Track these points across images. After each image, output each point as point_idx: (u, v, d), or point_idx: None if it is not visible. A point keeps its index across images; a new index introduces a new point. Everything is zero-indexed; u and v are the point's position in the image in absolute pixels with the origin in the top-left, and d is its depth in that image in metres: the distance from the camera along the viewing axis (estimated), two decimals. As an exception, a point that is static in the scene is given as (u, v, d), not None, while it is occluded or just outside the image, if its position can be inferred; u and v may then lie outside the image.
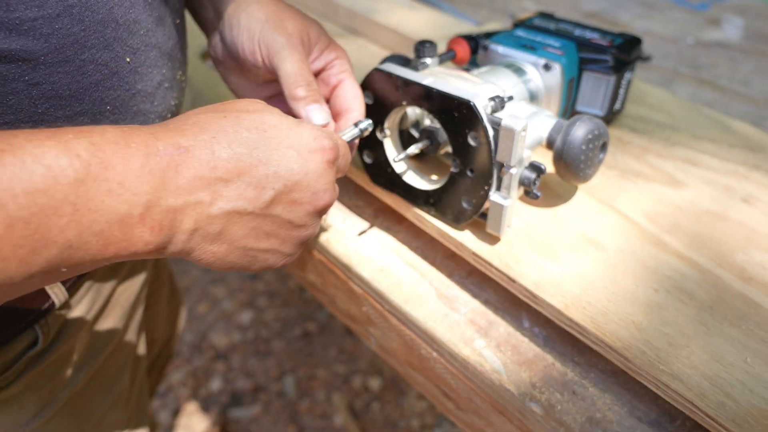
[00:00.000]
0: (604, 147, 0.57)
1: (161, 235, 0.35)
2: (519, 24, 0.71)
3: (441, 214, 0.58)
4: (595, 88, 0.66)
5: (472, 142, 0.51)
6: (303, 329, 1.83)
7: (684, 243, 0.57)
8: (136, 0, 0.45)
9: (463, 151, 0.52)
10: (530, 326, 0.56)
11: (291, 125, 0.41)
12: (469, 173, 0.53)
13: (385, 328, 0.62)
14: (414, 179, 0.60)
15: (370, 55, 0.98)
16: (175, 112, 0.56)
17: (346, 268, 0.63)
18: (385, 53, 0.99)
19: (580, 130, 0.54)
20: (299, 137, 0.41)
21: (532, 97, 0.63)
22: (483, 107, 0.50)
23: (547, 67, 0.63)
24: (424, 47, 0.61)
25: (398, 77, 0.54)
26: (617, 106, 0.68)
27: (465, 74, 0.58)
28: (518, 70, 0.63)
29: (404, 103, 0.55)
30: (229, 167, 0.37)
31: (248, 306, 1.91)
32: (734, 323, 0.49)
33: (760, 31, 1.09)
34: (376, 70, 0.55)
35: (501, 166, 0.51)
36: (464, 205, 0.55)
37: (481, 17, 1.11)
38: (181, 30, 0.55)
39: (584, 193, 0.63)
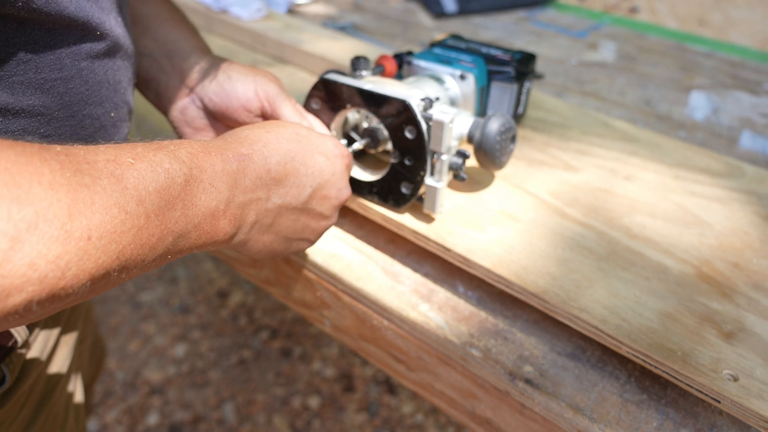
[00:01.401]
0: (513, 138, 0.69)
1: (235, 226, 0.41)
2: (435, 44, 0.83)
3: (383, 201, 0.67)
4: (502, 95, 0.79)
5: (408, 135, 0.61)
6: (239, 356, 1.85)
7: (582, 213, 0.69)
8: (121, 64, 0.51)
9: (401, 144, 0.62)
10: (464, 290, 0.66)
11: (318, 135, 0.50)
12: (407, 162, 0.63)
13: (339, 308, 0.70)
14: (358, 173, 0.69)
15: (300, 79, 1.08)
16: None
17: (301, 257, 0.70)
18: (314, 78, 1.08)
19: (494, 123, 0.65)
20: (325, 145, 0.50)
21: (452, 103, 0.75)
22: (417, 105, 0.60)
23: (462, 77, 0.75)
24: (359, 61, 0.71)
25: (344, 84, 0.64)
26: (520, 110, 0.81)
27: (397, 81, 0.69)
28: (439, 80, 0.75)
29: (348, 106, 0.64)
30: (279, 170, 0.45)
31: (181, 339, 1.90)
32: (625, 268, 0.61)
33: (629, 53, 1.29)
34: (324, 79, 0.65)
35: (434, 154, 0.62)
36: (404, 190, 0.65)
37: (397, 47, 1.24)
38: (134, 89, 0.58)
39: (500, 179, 0.74)
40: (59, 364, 0.65)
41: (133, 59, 0.56)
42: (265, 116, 0.61)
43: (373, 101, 0.62)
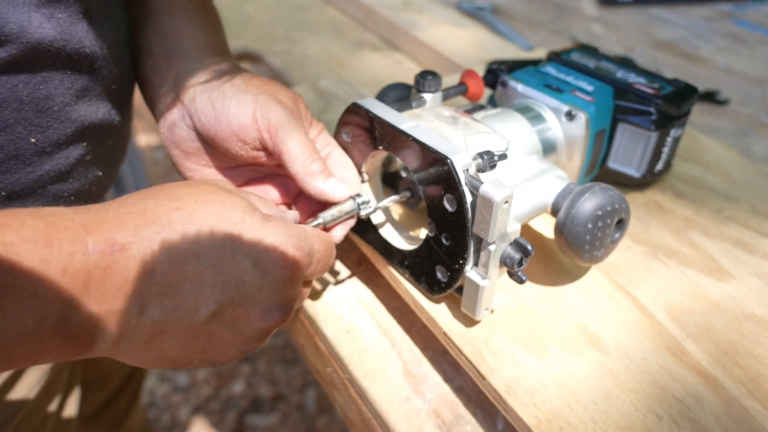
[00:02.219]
0: (620, 225, 0.46)
1: (77, 346, 0.30)
2: (553, 57, 0.61)
3: (416, 280, 0.49)
4: (633, 143, 0.55)
5: (447, 206, 0.42)
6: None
7: (711, 355, 0.45)
8: (49, 75, 0.40)
9: (438, 215, 0.44)
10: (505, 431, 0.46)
11: (255, 225, 0.35)
12: (444, 240, 0.44)
13: (347, 397, 0.54)
14: (391, 234, 0.51)
15: (404, 71, 0.90)
16: (101, 181, 0.50)
17: (312, 322, 0.55)
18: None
19: (587, 204, 0.43)
20: (261, 242, 0.34)
21: (548, 149, 0.53)
22: (463, 166, 0.41)
23: (570, 116, 0.52)
24: (424, 80, 0.52)
25: (375, 117, 0.45)
26: (659, 167, 0.57)
27: (464, 118, 0.49)
28: (535, 117, 0.53)
29: (380, 147, 0.46)
30: (170, 273, 0.31)
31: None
32: (757, 481, 0.38)
33: None
34: (354, 106, 0.47)
35: (479, 239, 0.42)
36: (438, 275, 0.46)
37: (538, 40, 1.00)
38: (120, 95, 0.49)
39: (598, 270, 0.52)
40: (25, 390, 0.57)
41: (95, 63, 0.43)
42: (266, 150, 0.46)
43: (407, 149, 0.43)
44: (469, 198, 0.41)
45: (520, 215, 0.46)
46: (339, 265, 0.59)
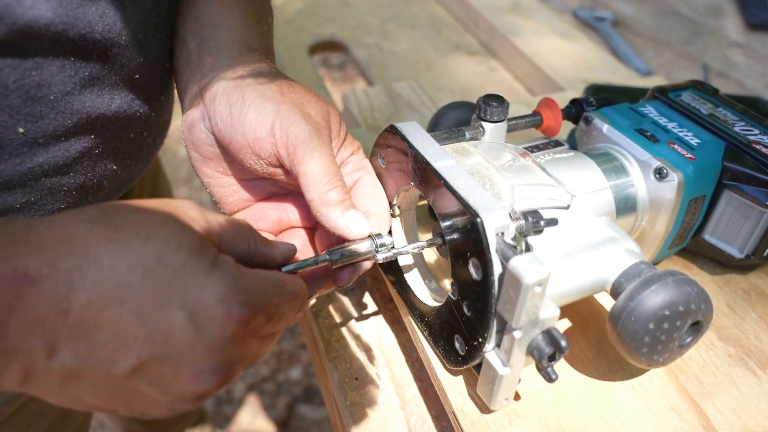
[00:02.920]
0: (696, 328, 0.36)
1: None
2: (658, 94, 0.50)
3: (434, 342, 0.42)
4: (740, 217, 0.44)
5: (472, 272, 0.35)
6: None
7: None
8: (44, 61, 0.37)
9: (461, 279, 0.37)
10: None
11: (198, 272, 0.29)
12: (465, 310, 0.37)
13: (346, 451, 0.48)
14: (416, 282, 0.44)
15: (496, 81, 0.81)
16: (117, 176, 0.47)
17: (321, 355, 0.49)
18: (516, 85, 0.81)
19: (653, 299, 0.34)
20: (201, 294, 0.29)
21: (626, 209, 0.43)
22: (496, 228, 0.33)
23: (660, 174, 0.42)
24: (487, 106, 0.45)
25: (410, 146, 0.39)
26: (770, 250, 0.45)
27: (524, 160, 0.41)
28: (615, 169, 0.44)
29: (412, 183, 0.40)
30: (87, 316, 0.27)
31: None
32: None
33: None
34: (391, 128, 0.41)
35: (503, 321, 0.34)
36: (456, 345, 0.39)
37: (660, 63, 0.87)
38: (147, 85, 0.45)
39: (662, 370, 0.42)
40: None
41: (109, 50, 0.40)
42: (283, 168, 0.41)
43: (437, 192, 0.37)
44: (497, 269, 0.33)
45: (566, 292, 0.38)
46: (367, 298, 0.53)
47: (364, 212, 0.42)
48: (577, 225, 0.40)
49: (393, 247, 0.40)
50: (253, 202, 0.46)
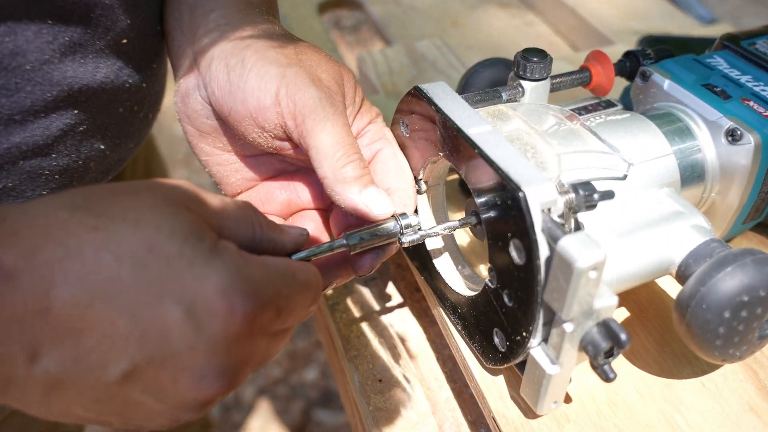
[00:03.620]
0: (779, 316, 0.35)
1: None
2: (728, 43, 0.48)
3: (468, 337, 0.42)
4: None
5: (514, 256, 0.34)
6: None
7: None
8: (17, 26, 0.36)
9: (501, 263, 0.36)
10: None
11: (196, 260, 0.29)
12: (506, 299, 0.36)
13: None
14: (447, 268, 0.44)
15: (533, 36, 0.80)
16: (106, 157, 0.46)
17: (340, 356, 0.49)
18: (557, 40, 0.79)
19: (728, 283, 0.33)
20: (199, 286, 0.29)
21: (692, 178, 0.42)
22: (542, 204, 0.32)
23: (733, 136, 0.41)
24: (527, 62, 0.44)
25: (438, 110, 0.38)
26: None
27: (571, 124, 0.40)
28: (679, 131, 0.42)
29: (440, 154, 0.39)
30: (71, 315, 0.27)
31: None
32: None
33: None
34: (416, 90, 0.40)
35: (551, 311, 0.33)
36: (496, 340, 0.38)
37: (726, 9, 0.84)
38: (136, 51, 0.45)
39: (738, 365, 0.41)
40: None
41: (92, 11, 0.40)
42: (291, 141, 0.41)
43: (471, 163, 0.36)
44: (544, 251, 0.32)
45: (624, 276, 0.37)
46: (390, 288, 0.53)
47: (386, 189, 0.41)
48: (636, 198, 0.39)
49: (420, 229, 0.39)
50: (258, 182, 0.45)
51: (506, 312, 0.36)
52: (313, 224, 0.44)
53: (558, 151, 0.36)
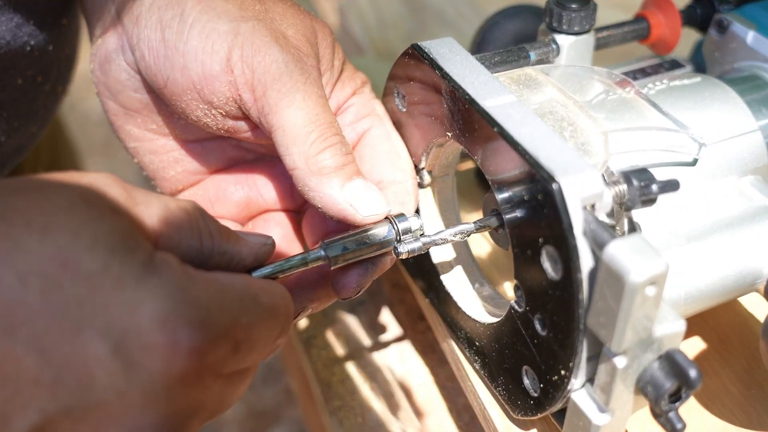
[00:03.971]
0: None
1: None
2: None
3: (490, 379, 0.44)
4: None
5: (548, 268, 0.36)
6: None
7: None
8: None
9: (530, 279, 0.38)
10: None
11: (125, 280, 0.30)
12: (538, 326, 0.38)
13: None
14: (459, 286, 0.46)
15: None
16: (1, 145, 0.48)
17: (320, 406, 0.50)
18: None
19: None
20: (131, 312, 0.30)
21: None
22: (583, 199, 0.34)
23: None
24: (564, 10, 0.47)
25: (445, 76, 0.40)
26: None
27: (624, 92, 0.42)
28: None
29: (449, 134, 0.41)
30: None
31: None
32: None
33: None
34: (414, 50, 0.42)
35: (597, 342, 0.35)
36: (526, 382, 0.40)
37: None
38: (36, 9, 0.46)
39: None
40: None
41: None
42: (249, 120, 0.42)
43: (488, 146, 0.38)
44: (587, 261, 0.34)
45: (696, 294, 0.39)
46: (385, 315, 0.55)
47: (377, 182, 0.43)
48: (710, 190, 0.41)
49: (422, 234, 0.41)
50: (206, 176, 0.47)
51: (539, 344, 0.38)
52: (279, 230, 0.45)
53: (605, 129, 0.38)
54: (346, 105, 0.44)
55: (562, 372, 0.37)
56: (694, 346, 0.46)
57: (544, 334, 0.37)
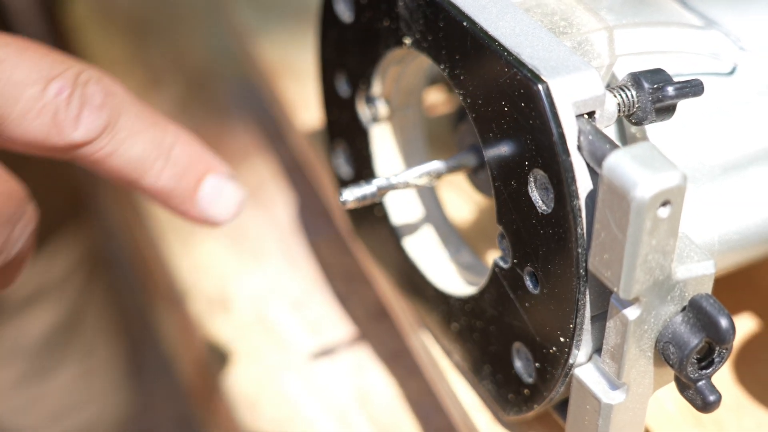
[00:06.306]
0: None
1: None
2: None
3: (473, 370, 0.48)
4: None
5: (537, 199, 0.40)
6: None
7: None
8: None
9: (516, 219, 0.42)
10: None
11: None
12: (529, 282, 0.42)
13: None
14: (429, 253, 0.49)
15: None
16: None
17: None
18: None
19: None
20: None
21: None
22: (572, 104, 0.38)
23: None
24: None
25: None
26: None
27: None
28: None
29: (406, 41, 0.45)
30: None
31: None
32: None
33: None
34: None
35: (605, 291, 0.39)
36: (517, 365, 0.44)
37: None
38: None
39: None
40: None
41: None
42: None
43: (457, 49, 0.42)
44: (585, 182, 0.38)
45: (734, 239, 0.43)
46: (335, 315, 0.58)
47: None
48: (751, 106, 0.45)
49: (373, 178, 0.45)
50: None
51: (531, 307, 0.42)
52: None
53: (609, 24, 0.42)
54: None
55: (561, 339, 0.40)
56: (741, 325, 0.49)
57: (537, 292, 0.41)
